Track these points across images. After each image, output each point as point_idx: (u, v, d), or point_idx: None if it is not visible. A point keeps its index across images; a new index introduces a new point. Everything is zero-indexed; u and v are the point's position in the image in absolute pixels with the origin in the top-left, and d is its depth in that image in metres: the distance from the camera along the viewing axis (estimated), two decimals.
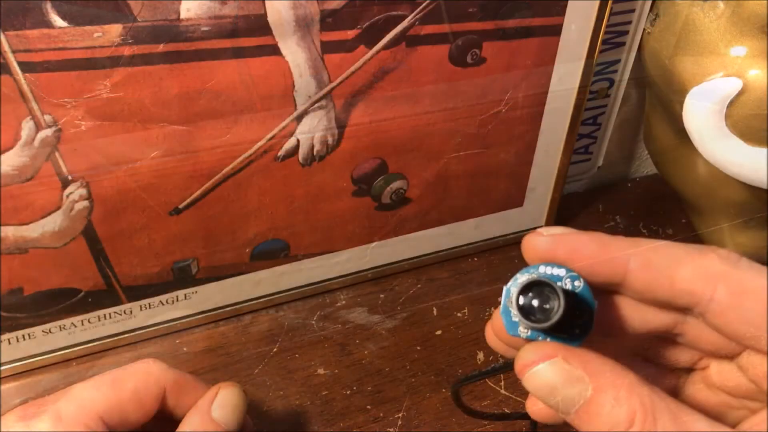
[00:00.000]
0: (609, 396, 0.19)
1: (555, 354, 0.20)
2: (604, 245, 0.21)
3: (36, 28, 0.28)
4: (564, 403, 0.20)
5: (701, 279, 0.20)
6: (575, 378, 0.19)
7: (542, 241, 0.22)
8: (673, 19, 0.39)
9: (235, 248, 0.39)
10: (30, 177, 0.32)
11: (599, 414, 0.19)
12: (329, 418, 0.37)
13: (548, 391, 0.20)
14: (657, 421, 0.19)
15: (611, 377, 0.19)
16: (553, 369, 0.20)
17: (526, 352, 0.20)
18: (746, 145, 0.37)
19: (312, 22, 0.32)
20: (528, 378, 0.20)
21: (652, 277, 0.21)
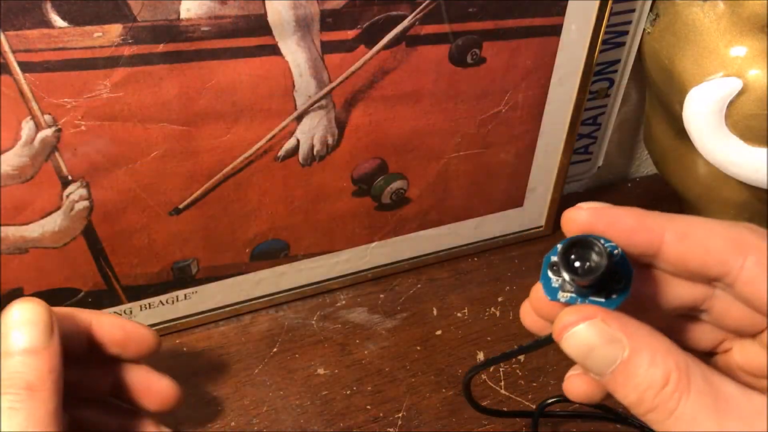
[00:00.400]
0: (645, 357, 0.19)
1: (594, 315, 0.20)
2: (642, 218, 0.22)
3: (36, 28, 0.28)
4: (601, 364, 0.20)
5: (733, 249, 0.21)
6: (613, 339, 0.20)
7: (582, 214, 0.22)
8: (673, 19, 0.39)
9: (235, 248, 0.39)
10: (30, 177, 0.32)
11: (635, 374, 0.19)
12: (329, 418, 0.37)
13: (586, 351, 0.20)
14: (691, 382, 0.19)
15: (648, 339, 0.20)
16: (593, 329, 0.20)
17: (566, 314, 0.21)
18: (746, 145, 0.37)
19: (312, 22, 0.32)
20: (567, 339, 0.21)
21: (686, 248, 0.22)
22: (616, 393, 0.20)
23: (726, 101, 0.36)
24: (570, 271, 0.21)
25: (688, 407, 0.19)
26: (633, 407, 0.20)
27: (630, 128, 0.53)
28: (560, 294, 0.22)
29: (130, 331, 0.31)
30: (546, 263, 0.22)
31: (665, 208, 0.53)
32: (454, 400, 0.38)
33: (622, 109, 0.50)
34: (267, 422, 0.37)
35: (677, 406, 0.19)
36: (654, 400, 0.19)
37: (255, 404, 0.38)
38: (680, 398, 0.19)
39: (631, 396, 0.20)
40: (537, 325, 0.25)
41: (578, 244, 0.21)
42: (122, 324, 0.31)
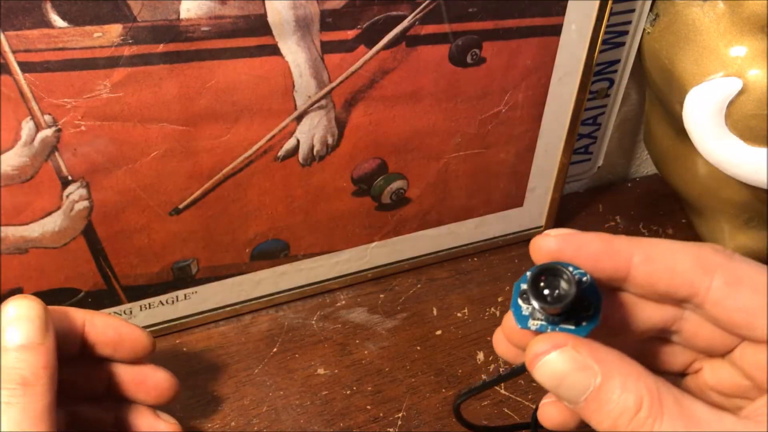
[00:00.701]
0: (617, 383, 0.20)
1: (565, 343, 0.20)
2: (609, 242, 0.22)
3: (36, 28, 0.28)
4: (574, 392, 0.20)
5: (699, 270, 0.21)
6: (584, 366, 0.20)
7: (550, 241, 0.22)
8: (673, 19, 0.39)
9: (235, 248, 0.39)
10: (30, 177, 0.32)
11: (608, 401, 0.20)
12: (329, 418, 0.37)
13: (558, 380, 0.20)
14: (663, 406, 0.19)
15: (619, 365, 0.20)
16: (564, 357, 0.20)
17: (537, 342, 0.21)
18: (746, 145, 0.37)
19: (312, 22, 0.32)
20: (539, 368, 0.21)
21: (654, 270, 0.22)
22: (590, 420, 0.20)
23: (726, 101, 0.36)
24: (539, 299, 0.21)
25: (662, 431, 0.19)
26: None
27: (630, 128, 0.53)
28: (531, 322, 0.22)
29: (123, 332, 0.30)
30: (516, 291, 0.22)
31: (665, 208, 0.53)
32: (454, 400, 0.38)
33: (622, 109, 0.50)
34: (267, 422, 0.37)
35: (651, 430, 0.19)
36: (628, 426, 0.19)
37: (255, 404, 0.38)
38: (654, 423, 0.19)
39: (605, 423, 0.20)
40: (510, 354, 0.26)
41: (547, 272, 0.21)
42: (116, 325, 0.30)
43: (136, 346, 0.31)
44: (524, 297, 0.22)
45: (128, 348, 0.31)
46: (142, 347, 0.31)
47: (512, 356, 0.26)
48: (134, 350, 0.31)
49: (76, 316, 0.29)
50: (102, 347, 0.30)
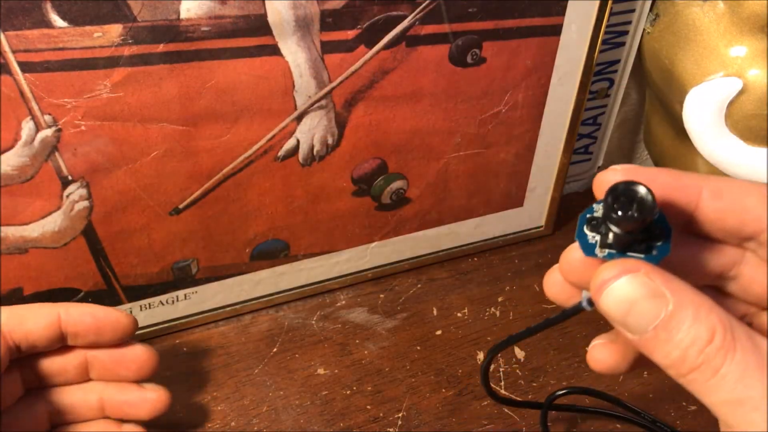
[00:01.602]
0: (689, 313, 0.19)
1: (637, 269, 0.20)
2: (678, 176, 0.22)
3: (36, 28, 0.28)
4: (643, 321, 0.19)
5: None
6: (657, 293, 0.19)
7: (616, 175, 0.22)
8: (673, 19, 0.39)
9: (235, 248, 0.39)
10: (30, 177, 0.32)
11: (679, 330, 0.19)
12: (329, 418, 0.37)
13: (627, 307, 0.19)
14: (736, 340, 0.18)
15: (692, 296, 0.19)
16: (635, 283, 0.19)
17: (606, 268, 0.20)
18: (746, 145, 0.37)
19: (312, 22, 0.32)
20: (607, 294, 0.20)
21: (723, 205, 0.21)
22: (656, 352, 0.19)
23: (726, 101, 0.36)
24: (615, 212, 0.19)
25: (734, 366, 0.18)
26: (675, 366, 0.19)
27: (630, 128, 0.53)
28: (598, 249, 0.21)
29: (101, 317, 0.30)
30: (582, 220, 0.21)
31: None
32: (454, 400, 0.38)
33: (622, 109, 0.50)
34: (267, 422, 0.37)
35: (722, 364, 0.18)
36: (698, 358, 0.18)
37: (255, 404, 0.38)
38: (726, 356, 0.18)
39: (674, 353, 0.19)
40: (564, 295, 0.24)
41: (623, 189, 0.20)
42: (92, 311, 0.30)
43: (117, 329, 0.31)
44: (592, 225, 0.21)
45: (110, 332, 0.31)
46: (123, 328, 0.31)
47: (566, 298, 0.24)
48: (116, 333, 0.31)
49: (48, 311, 0.30)
50: (84, 336, 0.30)
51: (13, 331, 0.29)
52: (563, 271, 0.24)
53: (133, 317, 0.32)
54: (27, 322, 0.29)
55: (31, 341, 0.29)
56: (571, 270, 0.23)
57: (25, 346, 0.29)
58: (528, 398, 0.38)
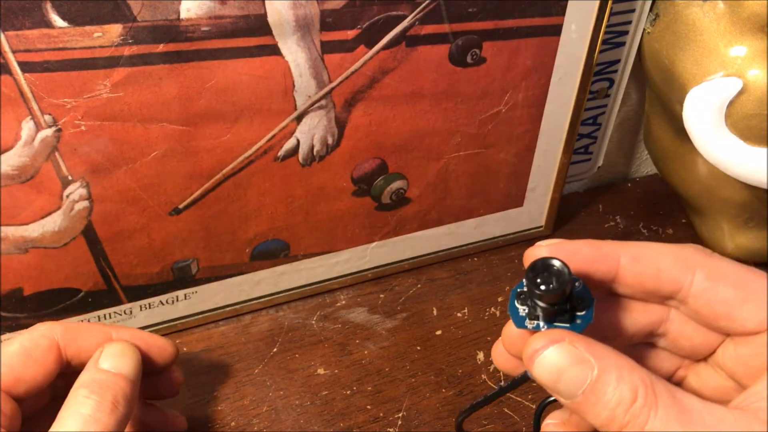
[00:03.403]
0: (613, 375, 0.20)
1: (562, 338, 0.21)
2: (597, 246, 0.24)
3: (36, 28, 0.28)
4: (572, 386, 0.21)
5: (682, 266, 0.23)
6: (582, 359, 0.21)
7: (542, 251, 0.24)
8: (673, 19, 0.39)
9: (235, 248, 0.39)
10: (30, 177, 0.32)
11: (605, 392, 0.20)
12: (329, 418, 0.37)
13: (557, 374, 0.21)
14: (657, 396, 0.20)
15: (614, 358, 0.21)
16: (561, 351, 0.21)
17: (535, 339, 0.22)
18: (746, 145, 0.37)
19: (312, 22, 0.32)
20: (538, 363, 0.21)
21: (641, 269, 0.23)
22: (588, 414, 0.21)
23: (726, 101, 0.36)
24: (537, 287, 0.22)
25: (658, 421, 0.19)
26: (606, 426, 0.20)
27: (630, 128, 0.53)
28: (527, 322, 0.23)
29: (150, 343, 0.31)
30: (513, 295, 0.23)
31: (665, 208, 0.54)
32: (454, 400, 0.38)
33: (622, 109, 0.50)
34: (267, 422, 0.37)
35: (647, 420, 0.19)
36: (625, 417, 0.20)
37: (255, 404, 0.38)
38: (649, 413, 0.20)
39: (603, 414, 0.20)
40: (510, 365, 0.26)
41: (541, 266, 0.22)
42: (141, 336, 0.31)
43: (163, 355, 0.32)
44: (521, 298, 0.23)
45: (156, 358, 0.31)
46: (169, 354, 0.32)
47: (512, 368, 0.26)
48: (162, 358, 0.32)
49: (101, 330, 0.30)
50: None
51: (68, 345, 0.29)
52: (505, 344, 0.26)
53: (175, 345, 0.32)
54: (81, 339, 0.29)
55: (82, 359, 0.29)
56: (511, 343, 0.25)
57: (76, 362, 0.29)
58: (528, 398, 0.38)
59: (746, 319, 0.22)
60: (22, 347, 0.28)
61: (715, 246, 0.47)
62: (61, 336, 0.29)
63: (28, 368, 0.28)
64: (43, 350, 0.28)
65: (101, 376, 0.28)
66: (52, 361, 0.28)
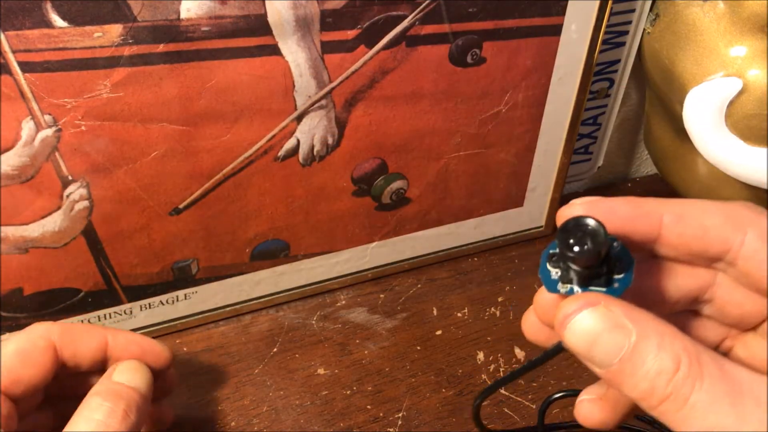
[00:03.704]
0: (653, 342, 0.18)
1: (597, 302, 0.19)
2: (637, 204, 0.22)
3: (36, 28, 0.28)
4: (607, 353, 0.19)
5: (732, 225, 0.21)
6: (618, 324, 0.19)
7: (576, 209, 0.22)
8: (673, 19, 0.39)
9: (235, 248, 0.39)
10: (30, 177, 0.32)
11: (644, 361, 0.18)
12: (329, 418, 0.37)
13: (591, 340, 0.19)
14: (703, 367, 0.18)
15: (654, 325, 0.19)
16: (597, 315, 0.19)
17: (567, 303, 0.20)
18: (746, 145, 0.37)
19: (312, 22, 0.32)
20: (570, 329, 0.20)
21: (685, 228, 0.21)
22: (625, 385, 0.19)
23: (726, 101, 0.36)
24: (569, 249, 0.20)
25: (703, 394, 0.18)
26: (645, 399, 0.19)
27: (630, 128, 0.53)
28: (560, 285, 0.21)
29: (146, 347, 0.31)
30: (544, 257, 0.22)
31: None
32: (454, 400, 0.38)
33: (622, 109, 0.50)
34: (267, 422, 0.37)
35: (692, 392, 0.18)
36: (666, 388, 0.18)
37: (255, 404, 0.38)
38: (694, 384, 0.18)
39: (642, 385, 0.18)
40: (542, 336, 0.24)
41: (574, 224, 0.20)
42: (137, 340, 0.31)
43: (159, 359, 0.32)
44: (554, 261, 0.21)
45: (151, 362, 0.31)
46: (164, 359, 0.32)
47: (545, 338, 0.24)
48: (156, 363, 0.32)
49: (98, 333, 0.30)
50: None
51: (64, 347, 0.29)
52: (537, 312, 0.24)
53: (170, 351, 0.33)
54: (78, 341, 0.30)
55: (78, 360, 0.30)
56: (544, 311, 0.23)
57: (71, 364, 0.30)
58: (528, 398, 0.38)
59: None
60: (19, 348, 0.28)
61: None
62: (58, 337, 0.29)
63: (25, 369, 0.28)
64: (40, 351, 0.28)
65: (115, 386, 0.28)
66: (49, 362, 0.28)
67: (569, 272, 0.21)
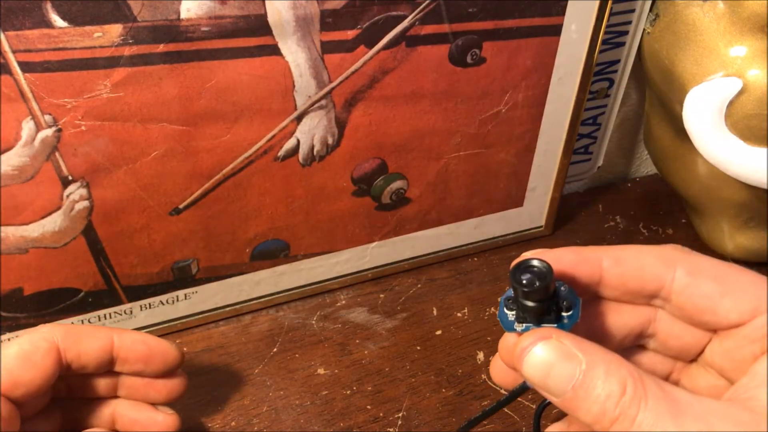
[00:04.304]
0: (601, 369, 0.20)
1: (549, 335, 0.22)
2: (579, 252, 0.25)
3: (36, 28, 0.28)
4: (561, 382, 0.21)
5: (663, 264, 0.24)
6: (569, 354, 0.21)
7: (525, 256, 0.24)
8: (673, 19, 0.39)
9: (235, 248, 0.39)
10: (30, 177, 0.32)
11: (594, 386, 0.20)
12: (329, 418, 0.37)
13: (545, 370, 0.21)
14: (647, 389, 0.20)
15: (601, 353, 0.21)
16: (549, 347, 0.21)
17: (524, 337, 0.22)
18: (746, 145, 0.37)
19: (312, 22, 0.32)
20: (527, 361, 0.22)
21: (623, 270, 0.24)
22: (579, 410, 0.21)
23: (726, 101, 0.36)
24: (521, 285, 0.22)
25: (648, 412, 0.20)
26: (597, 422, 0.20)
27: (630, 128, 0.53)
28: (516, 325, 0.23)
29: (153, 347, 0.31)
30: (501, 303, 0.24)
31: (665, 208, 0.53)
32: (454, 400, 0.38)
33: (622, 109, 0.50)
34: (267, 422, 0.37)
35: (638, 412, 0.20)
36: (615, 410, 0.20)
37: (255, 404, 0.38)
38: (639, 404, 0.20)
39: (594, 409, 0.20)
40: (508, 378, 0.27)
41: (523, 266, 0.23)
42: (144, 340, 0.31)
43: (167, 360, 0.31)
44: (509, 305, 0.24)
45: (159, 363, 0.31)
46: (172, 360, 0.32)
47: (511, 381, 0.27)
48: (165, 364, 0.31)
49: (104, 334, 0.30)
50: (133, 363, 0.31)
51: (68, 349, 0.29)
52: (501, 356, 0.26)
53: (180, 350, 0.32)
54: (82, 343, 0.29)
55: (83, 362, 0.29)
56: (507, 353, 0.25)
57: (76, 365, 0.29)
58: (527, 398, 0.38)
59: (728, 311, 0.23)
60: (21, 350, 0.28)
61: (716, 246, 0.47)
62: (62, 339, 0.29)
63: (27, 371, 0.27)
64: (42, 353, 0.28)
65: None
66: (51, 364, 0.28)
67: (524, 312, 0.23)
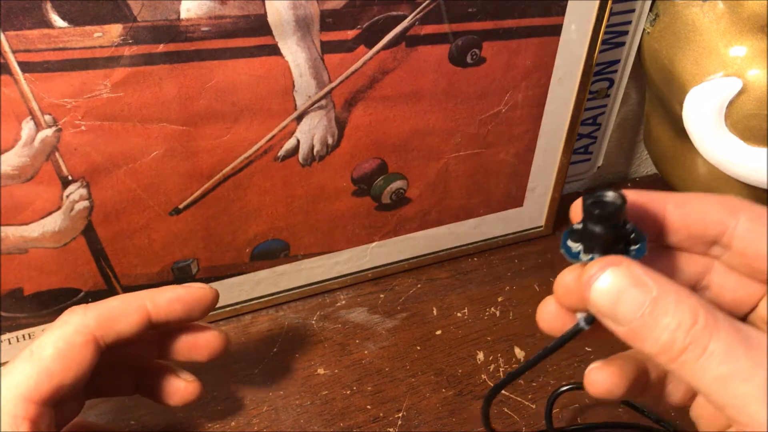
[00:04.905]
0: (672, 298, 0.20)
1: (620, 262, 0.21)
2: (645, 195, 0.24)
3: (36, 28, 0.28)
4: (629, 309, 0.20)
5: (726, 210, 0.24)
6: (640, 281, 0.20)
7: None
8: (673, 19, 0.39)
9: (235, 248, 0.39)
10: (30, 177, 0.32)
11: (665, 314, 0.20)
12: (329, 418, 0.37)
13: (614, 297, 0.21)
14: (718, 320, 0.20)
15: (671, 284, 0.20)
16: (620, 273, 0.21)
17: (592, 264, 0.21)
18: (746, 145, 0.37)
19: (312, 22, 0.32)
20: (595, 288, 0.21)
21: (686, 213, 0.24)
22: (645, 341, 0.20)
23: (726, 101, 0.36)
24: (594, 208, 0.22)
25: (720, 343, 0.19)
26: (665, 351, 0.20)
27: (630, 128, 0.53)
28: (582, 255, 0.23)
29: (188, 301, 0.30)
30: (565, 236, 0.23)
31: None
32: (454, 400, 0.38)
33: (622, 109, 0.50)
34: (267, 422, 0.37)
35: (709, 341, 0.19)
36: (686, 339, 0.19)
37: (255, 404, 0.38)
38: (711, 334, 0.19)
39: (663, 337, 0.20)
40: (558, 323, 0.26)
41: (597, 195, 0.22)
42: (178, 297, 0.30)
43: (204, 305, 0.31)
44: (574, 238, 0.23)
45: (197, 310, 0.31)
46: (209, 302, 0.31)
47: (561, 326, 0.26)
48: (203, 309, 0.31)
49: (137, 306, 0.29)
50: (173, 322, 0.30)
51: (104, 335, 0.28)
52: (559, 295, 0.25)
53: (214, 290, 0.31)
54: (118, 324, 0.28)
55: (122, 342, 0.28)
56: (566, 293, 0.24)
57: (116, 345, 0.28)
58: (528, 398, 0.38)
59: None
60: (56, 350, 0.26)
61: None
62: (96, 327, 0.27)
63: (67, 372, 0.26)
64: (79, 349, 0.26)
65: None
66: (90, 357, 0.27)
67: (591, 241, 0.22)
